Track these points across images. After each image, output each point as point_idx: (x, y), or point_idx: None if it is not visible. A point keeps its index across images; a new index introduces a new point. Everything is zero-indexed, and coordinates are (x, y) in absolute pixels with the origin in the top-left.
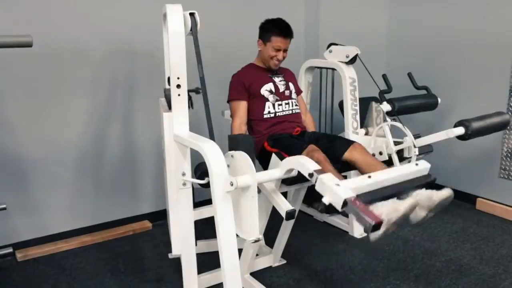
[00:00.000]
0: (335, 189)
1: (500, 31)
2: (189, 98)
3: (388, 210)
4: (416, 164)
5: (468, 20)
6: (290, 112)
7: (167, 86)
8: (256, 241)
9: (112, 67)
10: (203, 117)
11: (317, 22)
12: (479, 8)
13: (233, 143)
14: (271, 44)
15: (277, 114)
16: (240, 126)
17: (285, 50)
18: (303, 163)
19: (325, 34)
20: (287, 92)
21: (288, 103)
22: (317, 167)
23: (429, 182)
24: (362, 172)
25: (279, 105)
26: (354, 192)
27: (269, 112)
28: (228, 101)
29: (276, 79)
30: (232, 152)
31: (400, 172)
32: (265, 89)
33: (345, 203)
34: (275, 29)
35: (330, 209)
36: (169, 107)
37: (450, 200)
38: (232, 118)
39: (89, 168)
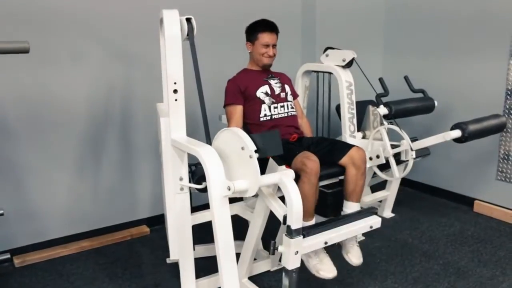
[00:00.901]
0: (291, 255)
1: (497, 34)
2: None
3: (314, 266)
4: (371, 227)
5: (465, 22)
6: (286, 114)
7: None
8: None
9: (109, 73)
10: (200, 122)
11: (314, 26)
12: (476, 11)
13: (260, 141)
14: (259, 42)
15: (273, 116)
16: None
17: (274, 46)
18: (292, 206)
19: (322, 38)
20: (282, 95)
21: (283, 106)
22: (299, 225)
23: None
24: (345, 178)
25: (275, 107)
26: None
27: (265, 115)
28: (224, 106)
29: (272, 82)
30: (251, 152)
31: (353, 232)
32: (261, 91)
33: (286, 270)
34: (260, 26)
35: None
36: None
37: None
38: (228, 123)
39: (86, 173)
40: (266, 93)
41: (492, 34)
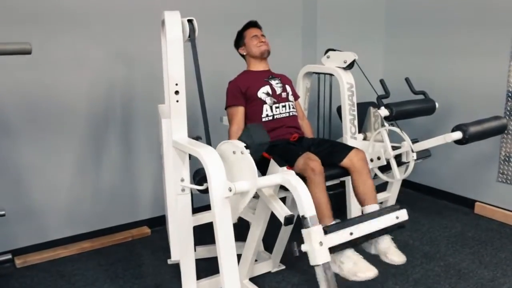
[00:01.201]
0: (316, 248)
1: (498, 36)
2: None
3: (348, 270)
4: (397, 217)
5: (466, 24)
6: (288, 114)
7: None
8: None
9: (110, 74)
10: (201, 124)
11: (315, 27)
12: (477, 13)
13: (246, 137)
14: (248, 38)
15: (275, 116)
16: (238, 132)
17: (263, 36)
18: (301, 198)
19: (323, 40)
20: (284, 94)
21: (285, 106)
22: (313, 212)
23: (398, 228)
24: (353, 183)
25: (276, 107)
26: (330, 251)
27: (267, 115)
28: (226, 108)
29: (273, 82)
30: (242, 149)
31: (379, 225)
32: (262, 92)
33: (318, 265)
34: (242, 29)
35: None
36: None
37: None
38: (230, 124)
39: (88, 174)
40: (267, 93)
41: (493, 36)
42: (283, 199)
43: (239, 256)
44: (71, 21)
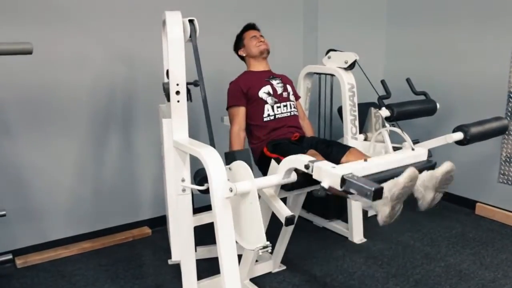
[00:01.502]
0: (331, 170)
1: (499, 35)
2: (188, 91)
3: (388, 186)
4: (413, 149)
5: (467, 25)
6: (289, 114)
7: (165, 80)
8: (264, 247)
9: (111, 74)
10: (202, 124)
11: (316, 29)
12: (478, 14)
13: (230, 159)
14: (247, 39)
15: (277, 116)
16: (239, 132)
17: (261, 37)
18: (298, 158)
19: (324, 40)
20: (285, 94)
21: (286, 105)
22: (312, 158)
23: (429, 167)
24: None
25: (278, 107)
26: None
27: (268, 115)
28: (227, 108)
29: (274, 82)
30: (230, 165)
31: (396, 157)
32: (263, 92)
33: (343, 180)
34: (241, 31)
35: (329, 195)
36: (168, 100)
37: (453, 174)
38: (231, 124)
39: (88, 174)
40: (269, 93)
41: (495, 36)
42: (284, 200)
43: (239, 257)
44: (72, 21)
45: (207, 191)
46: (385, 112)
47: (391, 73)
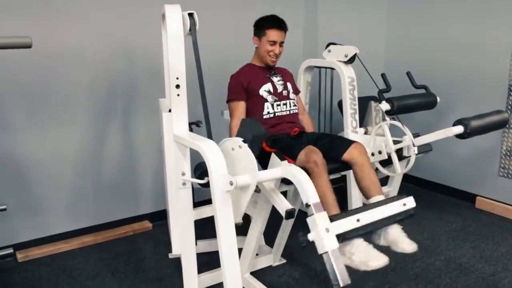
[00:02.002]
0: (322, 235)
1: (499, 29)
2: (191, 129)
3: (359, 260)
4: (404, 205)
5: (468, 18)
6: (289, 112)
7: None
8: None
9: (111, 68)
10: (201, 117)
11: (316, 22)
12: (478, 7)
13: (243, 131)
14: (266, 38)
15: (276, 114)
16: (239, 126)
17: (281, 44)
18: (304, 187)
19: (324, 34)
20: (285, 92)
21: (286, 104)
22: (317, 199)
23: (408, 216)
24: (356, 177)
25: (277, 105)
26: (338, 240)
27: (268, 113)
28: (227, 102)
29: (274, 79)
30: (240, 143)
31: (387, 212)
32: (264, 90)
33: (326, 253)
34: (269, 22)
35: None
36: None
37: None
38: (231, 118)
39: (89, 168)
40: (269, 92)
41: (494, 30)
42: (284, 193)
43: (240, 250)
44: (71, 14)
45: (207, 185)
46: (385, 106)
47: (391, 66)
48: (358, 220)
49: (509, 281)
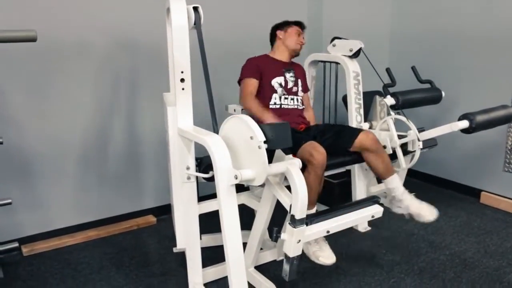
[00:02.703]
0: (293, 244)
1: (506, 24)
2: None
3: (313, 252)
4: (372, 216)
5: (473, 13)
6: (295, 107)
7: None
8: None
9: (115, 61)
10: (206, 112)
11: (320, 16)
12: (484, 1)
13: (270, 132)
14: (292, 30)
15: (282, 106)
16: (252, 98)
17: (303, 39)
18: (298, 197)
19: (329, 28)
20: (294, 89)
21: (293, 99)
22: (303, 215)
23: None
24: (370, 163)
25: (285, 98)
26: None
27: (275, 103)
28: (240, 80)
29: (287, 75)
30: (260, 142)
31: (356, 221)
32: (276, 81)
33: (288, 257)
34: (292, 21)
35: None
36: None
37: None
38: (243, 95)
39: (93, 162)
40: (280, 84)
41: (500, 25)
42: (289, 187)
43: (244, 245)
44: (75, 7)
45: (212, 179)
46: (390, 100)
47: (396, 61)
48: (328, 232)
49: None
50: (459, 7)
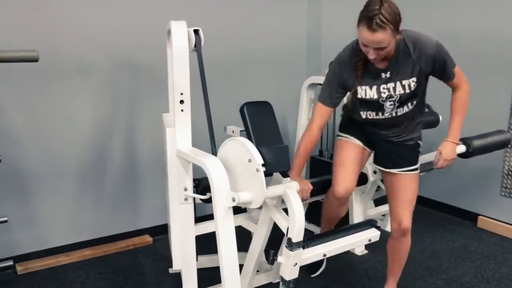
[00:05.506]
0: (289, 267)
1: (501, 48)
2: None
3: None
4: (369, 240)
5: (470, 33)
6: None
7: None
8: None
9: (115, 81)
10: (205, 131)
11: (319, 39)
12: (480, 20)
13: (269, 155)
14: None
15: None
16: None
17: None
18: (295, 222)
19: (327, 51)
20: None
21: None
22: (300, 238)
23: None
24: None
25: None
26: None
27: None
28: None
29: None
30: (258, 166)
31: (353, 244)
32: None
33: (284, 280)
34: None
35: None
36: None
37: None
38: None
39: (90, 181)
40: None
41: (497, 50)
42: (286, 210)
43: (241, 267)
44: (76, 27)
45: (209, 200)
46: None
47: None
48: (324, 255)
49: None
50: (456, 36)
